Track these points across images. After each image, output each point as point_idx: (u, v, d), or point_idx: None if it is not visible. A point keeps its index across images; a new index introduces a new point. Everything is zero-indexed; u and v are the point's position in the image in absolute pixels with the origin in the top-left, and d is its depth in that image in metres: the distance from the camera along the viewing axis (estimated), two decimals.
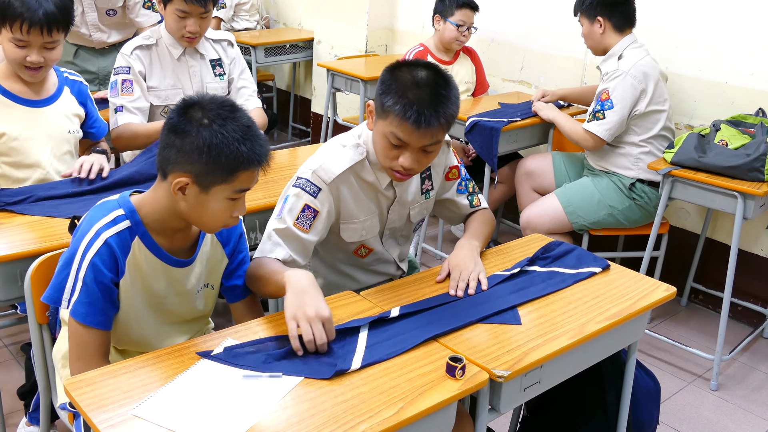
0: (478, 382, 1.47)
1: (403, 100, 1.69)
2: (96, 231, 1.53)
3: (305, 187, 1.82)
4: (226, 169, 1.49)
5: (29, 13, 2.05)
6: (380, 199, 1.94)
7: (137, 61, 2.72)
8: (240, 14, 5.45)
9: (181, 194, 1.52)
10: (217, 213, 1.55)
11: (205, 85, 2.84)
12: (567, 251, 2.03)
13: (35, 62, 2.15)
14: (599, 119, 3.04)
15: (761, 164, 2.69)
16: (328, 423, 1.31)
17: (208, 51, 2.86)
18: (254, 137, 1.51)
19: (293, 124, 5.73)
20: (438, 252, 3.82)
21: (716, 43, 3.27)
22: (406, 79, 1.72)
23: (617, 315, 1.75)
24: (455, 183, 2.08)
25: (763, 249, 3.29)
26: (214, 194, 1.52)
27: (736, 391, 2.90)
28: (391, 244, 2.06)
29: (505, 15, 4.12)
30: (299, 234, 1.80)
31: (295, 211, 1.81)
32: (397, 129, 1.72)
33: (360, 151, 1.87)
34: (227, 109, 1.51)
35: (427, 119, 1.69)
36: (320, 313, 1.51)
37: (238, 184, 1.53)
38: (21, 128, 2.23)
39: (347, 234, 1.92)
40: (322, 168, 1.83)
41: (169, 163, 1.52)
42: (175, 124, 1.51)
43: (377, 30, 4.81)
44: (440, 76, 1.75)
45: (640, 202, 3.11)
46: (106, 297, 1.55)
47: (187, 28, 2.67)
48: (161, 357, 1.47)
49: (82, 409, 1.30)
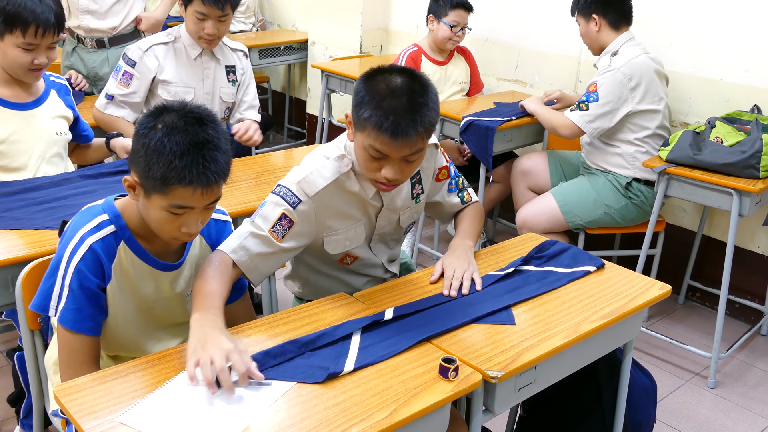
0: (472, 383, 1.46)
1: (378, 111, 1.62)
2: (80, 237, 1.52)
3: (285, 196, 1.77)
4: (158, 179, 1.44)
5: (41, 17, 2.09)
6: (368, 208, 1.89)
7: (151, 58, 2.78)
8: (235, 16, 5.44)
9: (132, 192, 1.52)
10: (160, 221, 1.50)
11: (219, 89, 2.90)
12: (562, 250, 2.02)
13: (42, 64, 2.18)
14: (582, 110, 3.04)
15: (756, 161, 2.68)
16: (320, 426, 1.30)
17: (225, 57, 2.93)
18: (198, 157, 1.43)
19: (288, 125, 5.72)
20: (434, 252, 3.81)
21: (711, 39, 3.27)
22: (381, 89, 1.65)
23: (612, 314, 1.75)
24: (445, 183, 2.05)
25: (759, 246, 3.29)
26: (153, 202, 1.48)
27: (733, 389, 2.90)
28: (381, 249, 2.02)
29: (499, 14, 4.11)
30: (273, 241, 1.75)
31: (271, 219, 1.75)
32: (374, 142, 1.66)
33: (345, 163, 1.81)
34: (190, 121, 1.46)
35: (404, 130, 1.62)
36: (222, 347, 1.39)
37: (174, 199, 1.46)
38: (8, 131, 2.23)
39: (331, 246, 1.87)
40: (305, 180, 1.77)
41: (131, 160, 1.52)
42: (142, 121, 1.50)
43: (371, 31, 4.80)
44: (416, 81, 1.68)
45: (637, 201, 3.10)
46: (93, 303, 1.54)
47: (206, 31, 2.73)
48: (152, 362, 1.46)
49: (72, 415, 1.29)
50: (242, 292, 1.80)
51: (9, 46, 2.13)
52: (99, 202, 1.60)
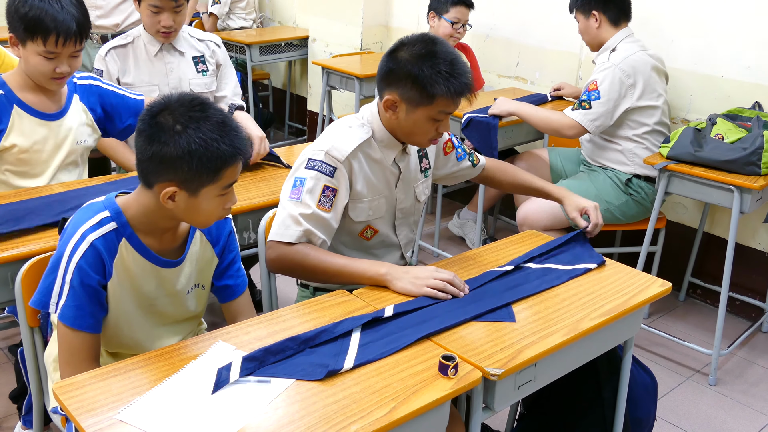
0: (471, 381, 1.45)
1: (451, 81, 1.78)
2: (81, 234, 1.52)
3: (321, 168, 1.84)
4: (211, 170, 1.48)
5: (63, 25, 2.04)
6: (388, 176, 1.97)
7: (112, 62, 2.74)
8: (235, 12, 5.43)
9: (171, 202, 1.51)
10: (209, 211, 1.55)
11: (188, 81, 2.83)
12: (566, 242, 2.04)
13: (65, 72, 2.13)
14: (585, 108, 3.03)
15: (758, 158, 2.68)
16: (320, 424, 1.30)
17: (189, 48, 2.85)
18: (231, 131, 1.49)
19: (289, 122, 5.72)
20: (435, 249, 3.81)
21: (712, 36, 3.26)
22: (432, 61, 1.78)
23: (612, 311, 1.74)
24: (453, 154, 2.18)
25: (760, 243, 3.28)
26: (204, 195, 1.51)
27: (734, 386, 2.90)
28: (403, 230, 2.09)
29: (500, 10, 4.11)
30: (323, 215, 1.84)
31: (316, 192, 1.83)
32: (447, 107, 1.82)
33: (366, 130, 1.91)
34: (197, 109, 1.48)
35: (468, 86, 1.82)
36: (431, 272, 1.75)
37: (225, 181, 1.52)
38: (33, 141, 2.21)
39: (355, 213, 1.94)
40: (334, 147, 1.86)
41: (150, 173, 1.50)
42: (148, 134, 1.48)
43: (372, 27, 4.80)
44: (443, 43, 1.83)
45: (637, 198, 3.10)
46: (94, 300, 1.54)
47: (162, 23, 2.68)
48: (151, 359, 1.46)
49: (71, 413, 1.29)
50: (243, 288, 1.80)
51: (31, 54, 2.08)
52: (100, 199, 1.59)
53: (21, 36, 2.07)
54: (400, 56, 1.82)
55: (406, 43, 1.84)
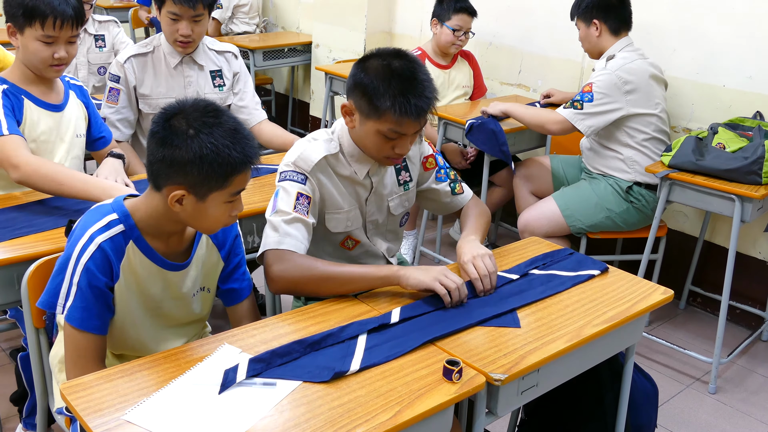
0: (475, 386, 1.46)
1: (399, 99, 1.75)
2: (90, 236, 1.53)
3: (292, 177, 1.86)
4: (220, 176, 1.49)
5: (59, 9, 2.10)
6: (358, 191, 1.97)
7: (130, 71, 2.72)
8: (238, 16, 5.44)
9: (178, 205, 1.52)
10: (216, 217, 1.56)
11: (204, 96, 2.79)
12: (566, 256, 2.04)
13: (63, 58, 2.17)
14: (576, 108, 3.05)
15: (759, 167, 2.69)
16: (325, 427, 1.31)
17: (208, 62, 2.84)
18: (243, 139, 1.51)
19: (292, 127, 5.73)
20: (436, 255, 3.82)
21: (714, 46, 3.28)
22: (387, 74, 1.77)
23: (614, 318, 1.75)
24: (433, 172, 2.13)
25: (761, 252, 3.29)
26: (212, 201, 1.53)
27: (734, 394, 2.90)
28: (378, 240, 2.08)
29: (503, 18, 4.13)
30: (302, 218, 1.84)
31: (291, 200, 1.84)
32: (394, 125, 1.79)
33: (333, 145, 1.91)
34: (211, 115, 1.50)
35: (422, 109, 1.78)
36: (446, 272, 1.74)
37: (234, 188, 1.53)
38: (40, 131, 2.24)
39: (332, 224, 1.95)
40: (300, 158, 1.87)
41: (160, 176, 1.52)
42: (161, 137, 1.50)
43: (375, 34, 4.81)
44: (412, 61, 1.82)
45: (638, 205, 3.11)
46: (101, 301, 1.55)
47: (180, 32, 2.65)
48: (158, 361, 1.47)
49: (78, 413, 1.30)
50: (248, 292, 1.81)
51: (29, 40, 2.13)
52: (108, 202, 1.61)
53: (20, 23, 2.12)
54: (365, 65, 1.83)
55: (376, 54, 1.85)
